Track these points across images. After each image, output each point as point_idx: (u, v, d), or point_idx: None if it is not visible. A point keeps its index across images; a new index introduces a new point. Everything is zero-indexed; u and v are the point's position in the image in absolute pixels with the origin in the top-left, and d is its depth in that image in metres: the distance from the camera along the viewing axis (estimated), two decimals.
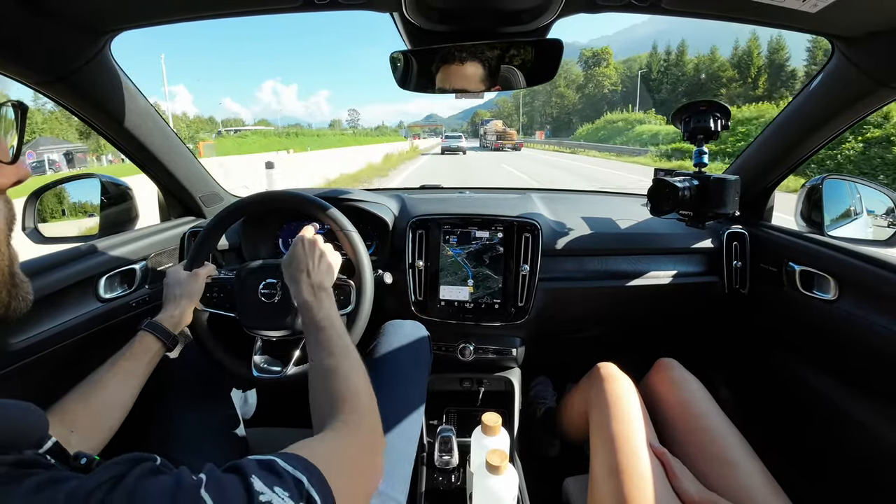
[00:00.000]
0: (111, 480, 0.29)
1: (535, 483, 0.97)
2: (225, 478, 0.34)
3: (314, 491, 0.37)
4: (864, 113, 0.84)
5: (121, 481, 0.29)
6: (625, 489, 0.64)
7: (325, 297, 0.70)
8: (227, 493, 0.32)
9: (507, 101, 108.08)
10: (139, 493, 0.29)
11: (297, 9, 0.74)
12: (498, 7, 0.70)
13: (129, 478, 0.30)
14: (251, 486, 0.33)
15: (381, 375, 0.81)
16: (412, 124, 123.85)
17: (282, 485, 0.35)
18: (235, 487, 0.33)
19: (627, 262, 1.11)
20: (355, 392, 0.55)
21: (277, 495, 0.34)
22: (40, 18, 0.64)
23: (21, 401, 0.33)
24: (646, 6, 0.72)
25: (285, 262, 0.76)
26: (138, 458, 0.33)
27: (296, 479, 0.36)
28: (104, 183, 1.00)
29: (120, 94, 0.86)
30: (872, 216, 0.96)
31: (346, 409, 0.52)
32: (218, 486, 0.32)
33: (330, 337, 0.63)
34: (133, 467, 0.31)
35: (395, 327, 0.93)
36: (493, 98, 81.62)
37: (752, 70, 46.68)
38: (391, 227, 1.11)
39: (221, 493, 0.32)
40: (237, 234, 1.12)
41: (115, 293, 0.91)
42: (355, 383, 0.57)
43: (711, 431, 0.75)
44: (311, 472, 0.38)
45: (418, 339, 0.92)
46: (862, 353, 0.82)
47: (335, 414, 0.52)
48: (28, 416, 0.33)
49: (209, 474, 0.33)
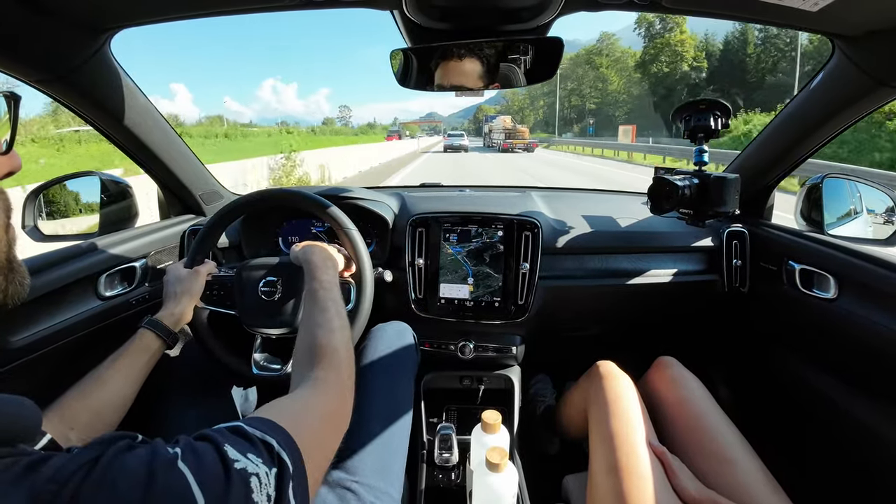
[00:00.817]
0: (88, 463, 0.29)
1: (535, 480, 0.97)
2: (200, 448, 0.33)
3: (284, 453, 0.36)
4: (864, 112, 0.84)
5: (97, 462, 0.29)
6: (624, 487, 0.64)
7: (332, 265, 0.76)
8: (204, 464, 0.32)
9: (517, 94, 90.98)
10: (114, 468, 0.29)
11: (297, 6, 0.74)
12: (498, 5, 0.70)
13: (104, 457, 0.29)
14: (226, 455, 0.33)
15: (369, 376, 0.82)
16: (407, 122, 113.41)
17: (253, 450, 0.35)
18: (211, 457, 0.33)
19: (627, 261, 1.11)
20: (334, 348, 0.57)
21: (251, 461, 0.34)
22: (40, 16, 0.64)
23: (14, 395, 0.33)
24: (646, 4, 0.72)
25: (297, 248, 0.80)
26: (116, 436, 0.33)
27: (265, 442, 0.36)
28: (104, 181, 1.00)
29: (120, 91, 0.86)
30: (872, 215, 0.97)
31: (323, 365, 0.54)
32: (195, 457, 0.32)
33: (327, 295, 0.67)
34: (109, 446, 0.31)
35: (381, 330, 0.95)
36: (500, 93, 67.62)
37: None
38: (391, 225, 1.11)
39: (199, 463, 0.31)
40: (237, 231, 1.12)
41: (116, 291, 0.91)
42: (336, 339, 0.59)
43: (710, 430, 0.75)
44: (279, 434, 0.38)
45: (404, 338, 0.95)
46: (861, 351, 0.82)
47: (311, 368, 0.54)
48: (22, 411, 0.33)
49: (185, 446, 0.33)
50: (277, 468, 0.35)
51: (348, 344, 0.60)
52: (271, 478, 0.34)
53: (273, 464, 0.35)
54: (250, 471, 0.33)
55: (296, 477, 0.36)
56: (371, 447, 0.71)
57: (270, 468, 0.34)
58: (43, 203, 0.93)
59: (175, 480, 0.30)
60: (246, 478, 0.32)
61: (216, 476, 0.31)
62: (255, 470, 0.33)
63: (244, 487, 0.32)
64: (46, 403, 0.57)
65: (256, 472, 0.33)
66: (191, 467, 0.31)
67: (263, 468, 0.34)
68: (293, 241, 1.05)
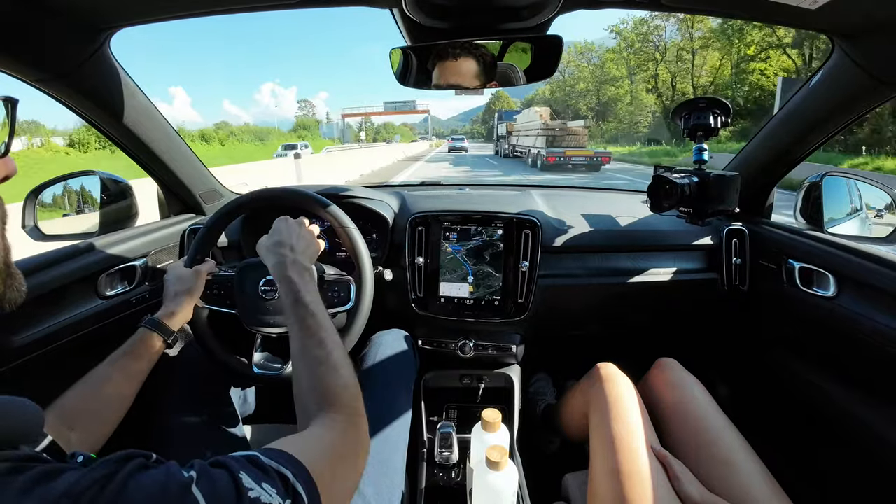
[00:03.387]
0: (103, 479, 0.29)
1: (535, 479, 0.97)
2: (215, 474, 0.33)
3: (300, 486, 0.36)
4: (863, 110, 0.84)
5: (112, 479, 0.29)
6: (625, 491, 0.64)
7: (310, 278, 0.67)
8: (218, 490, 0.32)
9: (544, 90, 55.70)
10: (129, 487, 0.29)
11: (296, 5, 0.74)
12: (498, 3, 0.70)
13: (119, 475, 0.29)
14: (240, 482, 0.33)
15: (369, 383, 0.83)
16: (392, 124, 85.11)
17: (268, 480, 0.35)
18: (226, 484, 0.33)
19: (627, 259, 1.11)
20: (343, 386, 0.54)
21: (265, 491, 0.33)
22: (40, 15, 0.64)
23: (17, 397, 0.33)
24: (646, 2, 0.72)
25: (264, 240, 0.72)
26: (131, 454, 0.32)
27: (281, 474, 0.36)
28: (104, 180, 1.00)
29: (119, 91, 0.86)
30: (872, 213, 0.97)
31: (335, 407, 0.51)
32: (210, 483, 0.32)
33: (318, 323, 0.59)
34: (125, 465, 0.31)
35: (380, 338, 0.97)
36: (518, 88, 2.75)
37: None
38: (391, 223, 1.11)
39: (213, 489, 0.31)
40: (237, 230, 1.12)
41: (116, 290, 0.91)
42: (343, 376, 0.55)
43: (711, 432, 0.75)
44: (296, 468, 0.38)
45: (403, 346, 0.96)
46: (861, 350, 0.82)
47: (321, 408, 0.51)
48: (24, 413, 0.33)
49: (200, 471, 0.33)
50: (292, 500, 0.35)
51: (353, 377, 0.56)
52: None
53: (287, 495, 0.35)
54: (264, 500, 0.33)
55: None
56: (372, 446, 0.71)
57: (284, 499, 0.34)
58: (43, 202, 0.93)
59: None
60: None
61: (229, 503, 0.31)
62: (268, 500, 0.33)
63: None
64: (47, 402, 0.57)
65: (270, 502, 0.33)
66: (204, 492, 0.31)
67: (277, 499, 0.34)
68: None
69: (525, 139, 18.90)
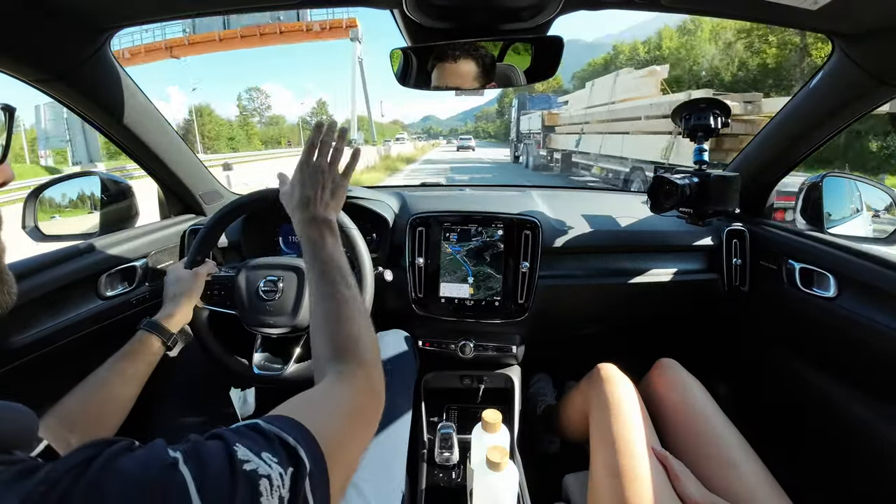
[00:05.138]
0: (82, 463, 0.28)
1: (536, 479, 0.97)
2: (206, 449, 0.32)
3: (303, 452, 0.35)
4: (864, 110, 0.84)
5: (90, 463, 0.28)
6: (626, 492, 0.64)
7: (329, 233, 0.64)
8: (207, 467, 0.30)
9: None
10: (107, 470, 0.28)
11: (297, 5, 0.74)
12: (498, 4, 0.70)
13: (99, 458, 0.28)
14: (234, 455, 0.31)
15: None
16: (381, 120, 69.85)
17: (269, 449, 0.33)
18: (218, 459, 0.31)
19: (627, 260, 1.11)
20: (356, 337, 0.52)
21: (264, 461, 0.32)
22: (40, 16, 0.64)
23: (9, 402, 0.32)
24: (646, 2, 0.72)
25: (286, 193, 0.69)
26: (113, 440, 0.31)
27: (283, 440, 0.35)
28: (104, 181, 1.00)
29: (119, 91, 0.86)
30: (872, 213, 0.97)
31: (347, 357, 0.50)
32: (199, 459, 0.30)
33: (333, 278, 0.58)
34: (105, 447, 0.29)
35: (380, 339, 0.95)
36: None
37: None
38: (391, 224, 1.11)
39: (202, 466, 0.30)
40: (237, 231, 1.12)
41: (116, 291, 0.91)
42: (357, 326, 0.53)
43: (712, 433, 0.75)
44: (298, 431, 0.36)
45: (403, 347, 0.96)
46: (861, 350, 0.82)
47: (333, 361, 0.50)
48: (18, 418, 0.32)
49: (191, 448, 0.31)
50: (294, 468, 0.33)
51: (370, 328, 0.55)
52: (286, 479, 0.32)
53: (289, 463, 0.33)
54: (261, 472, 0.31)
55: (315, 476, 0.35)
56: (372, 447, 0.71)
57: (286, 468, 0.33)
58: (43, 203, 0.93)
59: (172, 484, 0.28)
60: (254, 481, 0.31)
61: (220, 480, 0.30)
62: (266, 472, 0.32)
63: (251, 492, 0.30)
64: (47, 404, 0.57)
65: (268, 474, 0.32)
66: (192, 470, 0.29)
67: (277, 469, 0.32)
68: (293, 241, 1.05)
69: (591, 142, 10.12)
